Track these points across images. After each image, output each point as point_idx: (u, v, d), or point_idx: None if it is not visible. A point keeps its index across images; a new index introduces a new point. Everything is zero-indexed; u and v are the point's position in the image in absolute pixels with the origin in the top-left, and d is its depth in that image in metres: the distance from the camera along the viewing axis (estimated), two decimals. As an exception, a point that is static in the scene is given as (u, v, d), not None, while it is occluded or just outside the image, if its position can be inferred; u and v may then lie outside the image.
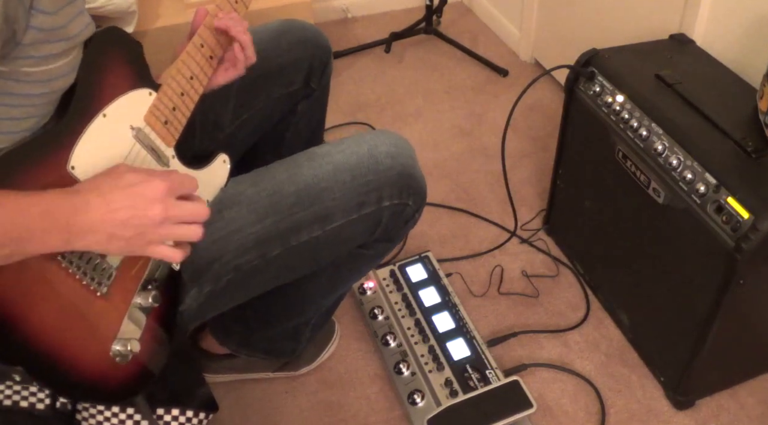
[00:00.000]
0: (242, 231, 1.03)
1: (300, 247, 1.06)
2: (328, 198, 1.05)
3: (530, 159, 2.04)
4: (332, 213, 1.05)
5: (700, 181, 1.21)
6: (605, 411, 1.41)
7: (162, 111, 0.97)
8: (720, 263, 1.18)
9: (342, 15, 2.78)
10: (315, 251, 1.09)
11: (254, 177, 1.08)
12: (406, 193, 1.08)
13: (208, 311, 1.10)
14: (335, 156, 1.07)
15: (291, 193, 1.04)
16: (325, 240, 1.07)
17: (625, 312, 1.55)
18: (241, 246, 1.03)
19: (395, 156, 1.07)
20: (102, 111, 0.87)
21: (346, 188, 1.05)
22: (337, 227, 1.06)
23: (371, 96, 2.35)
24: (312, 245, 1.07)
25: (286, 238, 1.05)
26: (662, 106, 1.34)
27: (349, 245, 1.12)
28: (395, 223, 1.11)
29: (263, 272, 1.08)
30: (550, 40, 2.39)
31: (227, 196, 1.06)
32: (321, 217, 1.05)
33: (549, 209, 1.78)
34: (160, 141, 0.97)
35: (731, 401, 1.44)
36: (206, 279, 1.03)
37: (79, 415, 0.85)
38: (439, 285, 1.59)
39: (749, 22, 1.50)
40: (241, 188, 1.07)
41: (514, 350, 1.52)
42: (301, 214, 1.04)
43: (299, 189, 1.05)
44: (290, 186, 1.05)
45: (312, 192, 1.05)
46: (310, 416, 1.41)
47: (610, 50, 1.49)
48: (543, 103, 2.26)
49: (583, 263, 1.69)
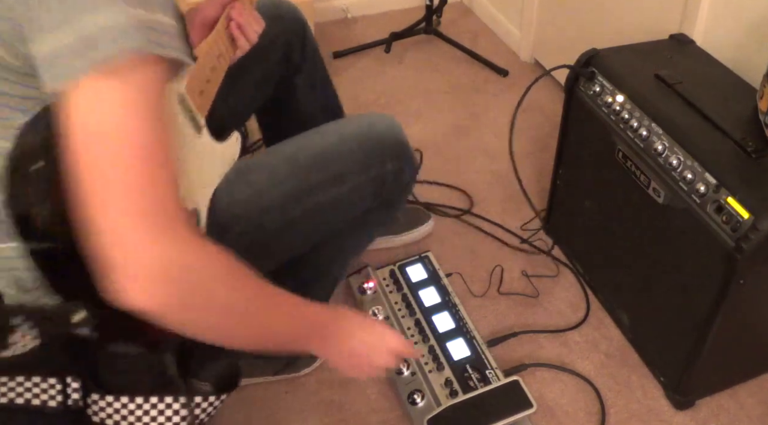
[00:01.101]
0: (264, 192, 1.12)
1: (318, 208, 1.16)
2: (340, 162, 1.16)
3: (530, 159, 2.04)
4: (344, 174, 1.16)
5: (700, 181, 1.21)
6: (605, 411, 1.41)
7: (199, 82, 1.04)
8: (720, 263, 1.18)
9: (342, 15, 2.78)
10: (331, 212, 1.19)
11: (268, 150, 1.21)
12: (403, 159, 1.21)
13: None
14: (341, 129, 1.21)
15: (306, 157, 1.15)
16: (340, 201, 1.17)
17: (625, 312, 1.55)
18: (264, 206, 1.11)
19: (392, 129, 1.21)
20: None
21: (354, 153, 1.16)
22: (349, 189, 1.17)
23: (371, 96, 2.35)
24: (328, 206, 1.17)
25: (306, 198, 1.14)
26: (662, 106, 1.34)
27: (360, 206, 1.21)
28: (395, 187, 1.22)
29: (284, 233, 1.15)
30: (550, 40, 2.39)
31: (246, 164, 1.15)
32: (334, 178, 1.15)
33: (549, 209, 1.78)
34: (195, 109, 1.03)
35: (731, 401, 1.44)
36: (230, 238, 1.06)
37: (89, 409, 0.84)
38: (439, 285, 1.59)
39: (749, 22, 1.50)
40: (257, 159, 1.18)
41: (514, 350, 1.52)
42: (317, 176, 1.14)
43: (314, 155, 1.15)
44: (304, 152, 1.16)
45: (325, 157, 1.16)
46: (310, 416, 1.41)
47: (610, 50, 1.49)
48: (543, 103, 2.26)
49: (583, 263, 1.69)
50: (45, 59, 0.65)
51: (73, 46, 0.63)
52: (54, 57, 0.64)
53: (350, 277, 1.62)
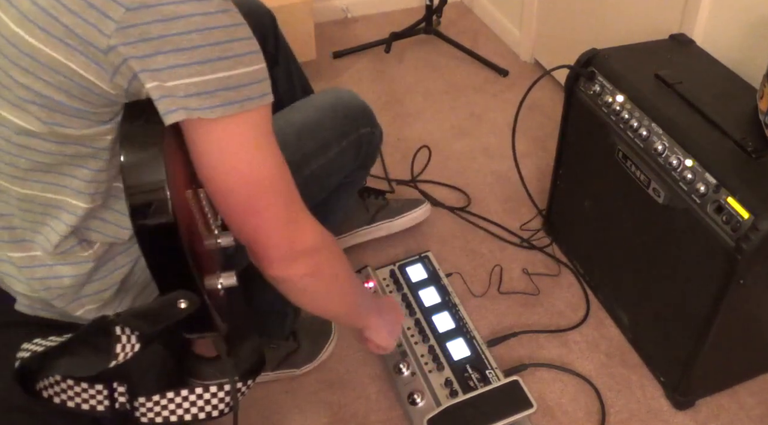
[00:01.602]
0: None
1: (312, 175, 1.22)
2: (323, 130, 1.24)
3: (530, 159, 2.04)
4: (329, 142, 1.24)
5: (700, 181, 1.21)
6: (605, 411, 1.41)
7: None
8: (720, 263, 1.18)
9: (342, 15, 2.78)
10: (324, 178, 1.27)
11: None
12: (371, 122, 1.31)
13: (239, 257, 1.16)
14: (314, 102, 1.29)
15: (293, 132, 1.20)
16: (330, 166, 1.25)
17: (625, 312, 1.55)
18: None
19: (355, 98, 1.32)
20: None
21: (333, 121, 1.25)
22: (335, 154, 1.25)
23: (371, 96, 2.35)
24: (321, 172, 1.24)
25: (300, 168, 1.16)
26: (662, 106, 1.34)
27: (345, 169, 1.31)
28: (369, 148, 1.34)
29: None
30: (550, 40, 2.39)
31: None
32: (321, 146, 1.23)
33: (549, 209, 1.78)
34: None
35: (731, 401, 1.44)
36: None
37: (137, 412, 0.85)
38: (439, 285, 1.59)
39: (749, 22, 1.50)
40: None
41: (514, 350, 1.52)
42: (307, 145, 1.21)
43: (299, 129, 1.22)
44: (290, 128, 1.21)
45: (309, 128, 1.22)
46: (310, 416, 1.41)
47: (610, 50, 1.49)
48: (543, 103, 2.26)
49: (583, 263, 1.69)
50: (174, 91, 0.72)
51: (217, 85, 0.73)
52: (190, 94, 0.72)
53: (350, 277, 1.62)
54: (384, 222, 1.75)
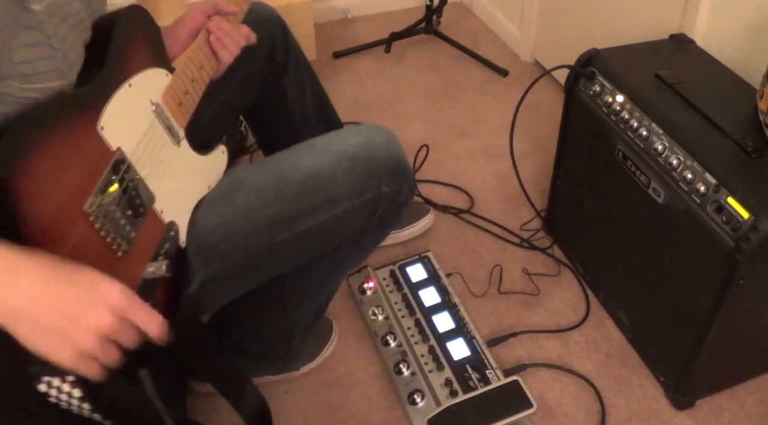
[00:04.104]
0: (251, 214, 1.07)
1: (307, 232, 1.10)
2: (333, 184, 1.09)
3: (530, 159, 2.04)
4: (337, 198, 1.10)
5: (700, 181, 1.21)
6: (605, 411, 1.41)
7: (177, 92, 1.03)
8: (720, 263, 1.18)
9: (342, 15, 2.78)
10: (320, 237, 1.13)
11: (257, 166, 1.15)
12: (401, 179, 1.13)
13: (213, 296, 1.13)
14: (335, 145, 1.13)
15: (296, 181, 1.09)
16: (331, 225, 1.11)
17: (625, 312, 1.55)
18: (250, 229, 1.07)
19: (388, 147, 1.14)
20: (128, 81, 0.93)
21: (349, 175, 1.10)
22: (342, 213, 1.11)
23: (371, 96, 2.35)
24: (318, 230, 1.11)
25: (295, 223, 1.09)
26: (662, 106, 1.34)
27: (351, 230, 1.16)
28: (391, 208, 1.16)
29: (271, 255, 1.11)
30: (550, 40, 2.39)
31: (234, 181, 1.11)
32: (327, 202, 1.10)
33: (549, 209, 1.78)
34: (174, 121, 1.02)
35: (731, 401, 1.44)
36: (215, 260, 1.06)
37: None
38: (439, 285, 1.59)
39: (749, 22, 1.50)
40: (245, 175, 1.13)
41: (514, 350, 1.52)
42: (308, 200, 1.09)
43: (304, 177, 1.09)
44: (295, 174, 1.09)
45: (317, 179, 1.09)
46: (310, 416, 1.41)
47: (610, 50, 1.49)
48: (543, 104, 2.26)
49: (583, 263, 1.69)
50: None
51: None
52: None
53: (350, 277, 1.62)
54: (391, 233, 1.73)
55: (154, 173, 0.96)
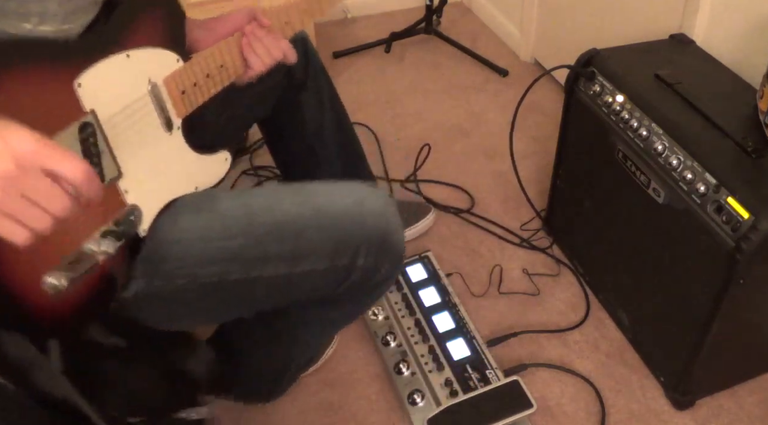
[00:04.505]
0: (209, 241, 0.99)
1: (261, 280, 1.01)
2: (303, 239, 1.00)
3: (530, 159, 2.04)
4: (303, 256, 1.01)
5: (700, 181, 1.21)
6: (605, 411, 1.41)
7: (183, 81, 1.01)
8: (720, 263, 1.18)
9: (342, 15, 2.78)
10: (274, 290, 1.05)
11: (236, 194, 1.07)
12: (383, 256, 1.04)
13: (149, 312, 1.03)
14: (321, 198, 1.04)
15: (267, 222, 1.00)
16: (288, 282, 1.03)
17: (625, 312, 1.55)
18: (203, 255, 0.99)
19: (380, 218, 1.04)
20: (127, 51, 0.91)
21: (323, 235, 1.01)
22: (304, 272, 1.02)
23: (371, 96, 2.35)
24: (273, 283, 1.02)
25: (251, 266, 1.00)
26: (662, 106, 1.34)
27: (310, 294, 1.08)
28: (362, 285, 1.06)
29: (218, 292, 1.02)
30: (550, 40, 2.39)
31: (206, 199, 1.03)
32: (291, 256, 1.01)
33: (549, 209, 1.78)
34: (171, 107, 1.00)
35: (731, 401, 1.44)
36: (158, 276, 0.97)
37: None
38: (439, 285, 1.59)
39: (749, 22, 1.50)
40: (221, 196, 1.04)
41: (514, 350, 1.52)
42: (272, 246, 1.00)
43: (276, 221, 1.01)
44: (267, 215, 1.01)
45: (288, 228, 1.01)
46: (310, 416, 1.41)
47: (610, 50, 1.49)
48: (543, 104, 2.26)
49: (583, 263, 1.69)
50: None
51: None
52: None
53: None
54: None
55: (128, 151, 0.92)
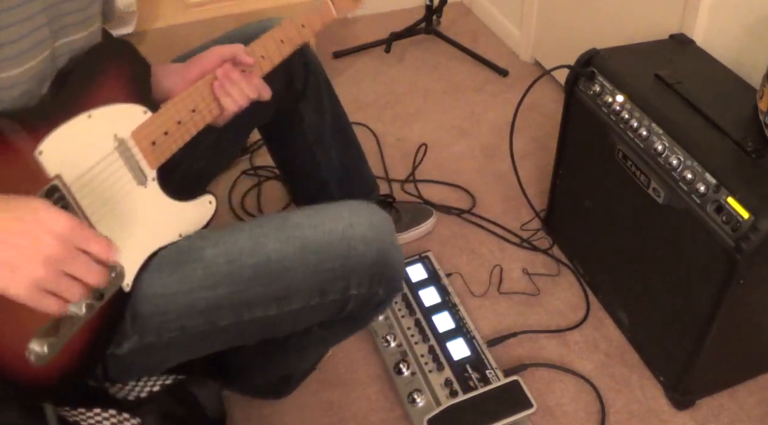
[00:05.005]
0: (193, 293, 0.97)
1: (253, 321, 1.00)
2: (290, 279, 0.98)
3: (530, 159, 2.04)
4: (291, 295, 0.99)
5: (700, 181, 1.21)
6: (605, 411, 1.41)
7: (153, 131, 0.98)
8: (720, 263, 1.18)
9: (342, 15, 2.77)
10: (269, 328, 1.04)
11: (217, 237, 1.02)
12: (377, 281, 1.01)
13: (144, 364, 1.04)
14: (306, 231, 1.00)
15: (250, 265, 0.97)
16: (281, 320, 1.02)
17: (625, 312, 1.55)
18: (189, 308, 0.97)
19: (371, 241, 0.99)
20: (88, 111, 0.89)
21: (310, 272, 0.98)
22: (295, 310, 1.00)
23: (371, 96, 2.35)
24: (266, 322, 1.01)
25: (239, 311, 0.99)
26: (662, 106, 1.34)
27: (308, 325, 1.08)
28: (362, 310, 1.05)
29: (210, 338, 1.02)
30: (550, 40, 2.39)
31: (186, 250, 1.00)
32: (279, 297, 0.99)
33: (549, 209, 1.78)
34: (142, 159, 0.97)
35: (731, 401, 1.44)
36: (149, 332, 0.97)
37: None
38: (439, 285, 1.59)
39: (749, 22, 1.50)
40: (201, 244, 1.01)
41: (514, 350, 1.52)
42: (258, 289, 0.98)
43: (260, 263, 0.98)
44: (251, 257, 0.98)
45: (273, 269, 0.98)
46: (310, 416, 1.41)
47: (610, 50, 1.49)
48: (543, 104, 2.26)
49: (583, 263, 1.69)
50: None
51: None
52: None
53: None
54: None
55: (101, 209, 0.90)
